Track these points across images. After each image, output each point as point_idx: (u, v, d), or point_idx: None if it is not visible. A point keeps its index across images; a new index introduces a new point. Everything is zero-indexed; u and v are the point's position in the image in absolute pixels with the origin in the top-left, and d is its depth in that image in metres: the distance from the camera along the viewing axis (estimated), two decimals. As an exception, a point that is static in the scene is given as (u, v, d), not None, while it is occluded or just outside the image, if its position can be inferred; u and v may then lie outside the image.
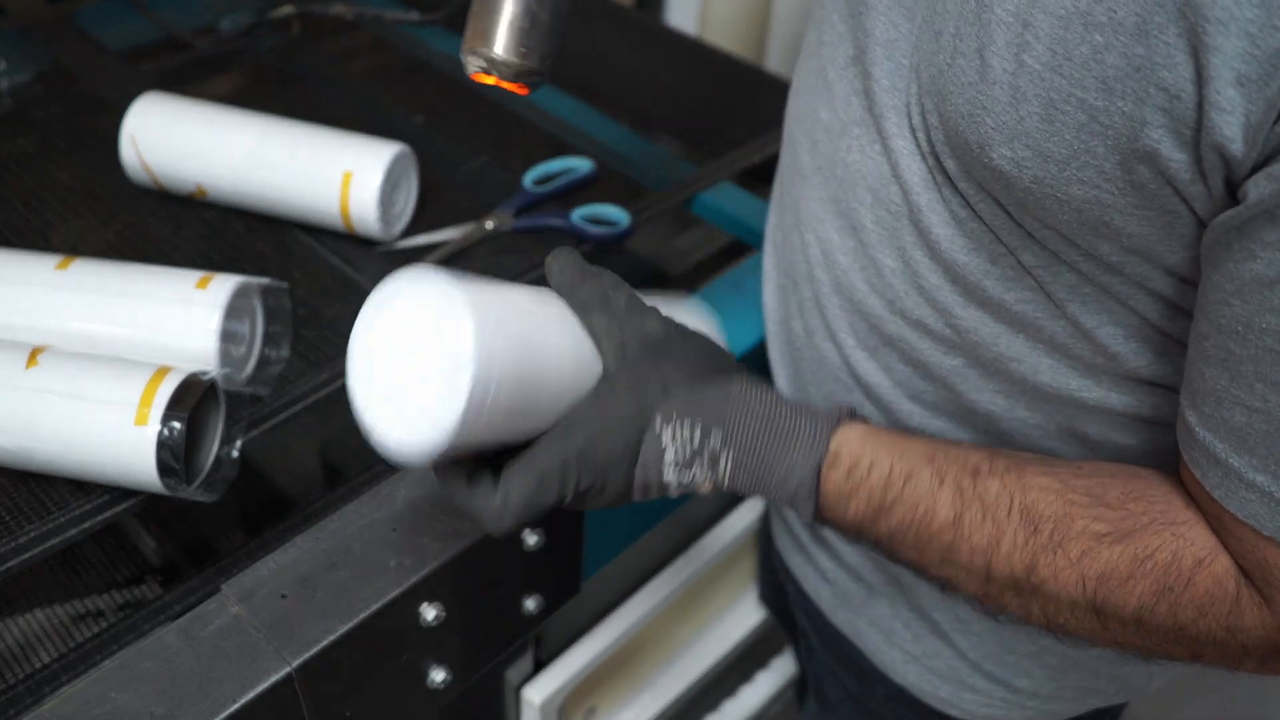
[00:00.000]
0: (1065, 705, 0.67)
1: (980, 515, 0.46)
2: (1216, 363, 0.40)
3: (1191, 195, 0.39)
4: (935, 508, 0.47)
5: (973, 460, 0.47)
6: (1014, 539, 0.46)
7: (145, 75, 0.92)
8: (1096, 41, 0.38)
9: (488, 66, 0.54)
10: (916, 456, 0.47)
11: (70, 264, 0.62)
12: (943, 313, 0.52)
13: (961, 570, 0.48)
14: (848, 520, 0.49)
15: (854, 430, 0.48)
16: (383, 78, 1.00)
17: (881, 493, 0.47)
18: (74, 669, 0.53)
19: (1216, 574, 0.44)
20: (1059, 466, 0.47)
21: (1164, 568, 0.44)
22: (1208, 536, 0.44)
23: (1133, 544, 0.44)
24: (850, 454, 0.48)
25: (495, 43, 0.53)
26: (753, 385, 0.48)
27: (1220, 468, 0.41)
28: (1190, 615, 0.44)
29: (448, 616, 0.58)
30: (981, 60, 0.42)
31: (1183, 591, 0.44)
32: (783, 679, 1.12)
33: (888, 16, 0.49)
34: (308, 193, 0.72)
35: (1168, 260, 0.42)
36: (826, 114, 0.56)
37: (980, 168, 0.45)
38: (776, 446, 0.47)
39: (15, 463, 0.56)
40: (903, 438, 0.49)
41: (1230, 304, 0.38)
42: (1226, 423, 0.40)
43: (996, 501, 0.46)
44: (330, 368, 0.65)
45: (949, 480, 0.47)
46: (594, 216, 0.78)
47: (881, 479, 0.47)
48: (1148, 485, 0.46)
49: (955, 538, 0.47)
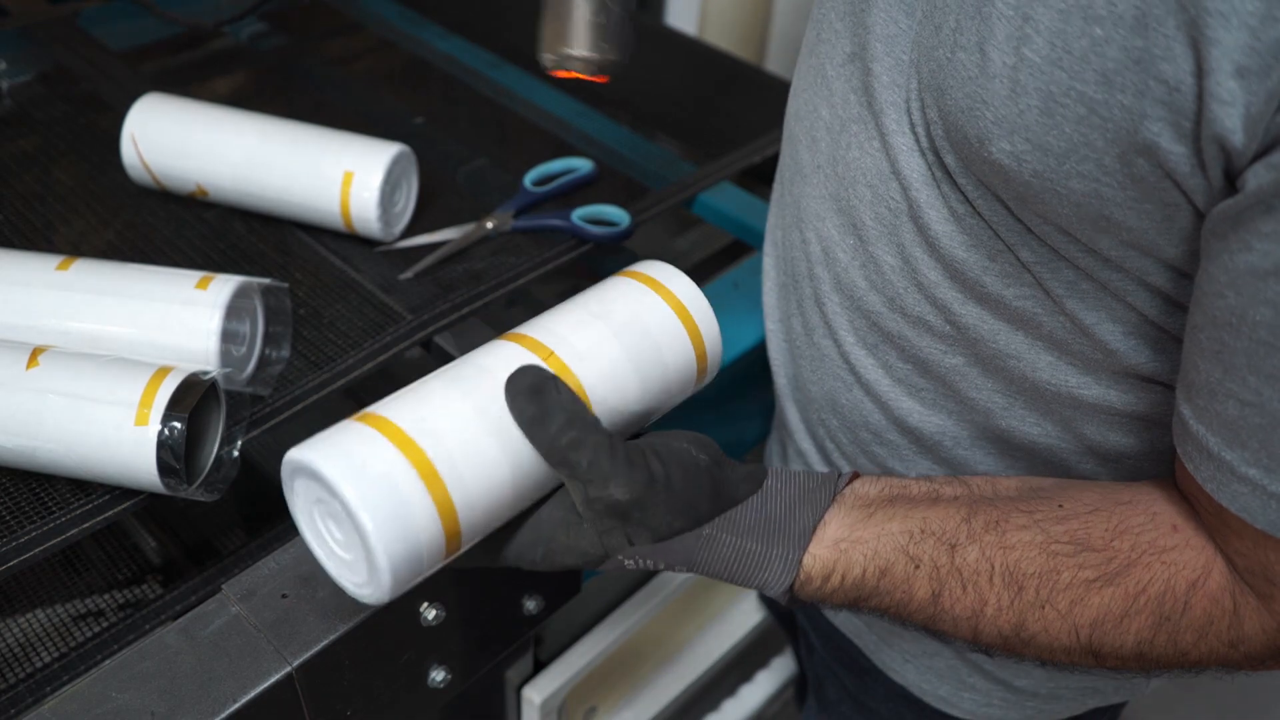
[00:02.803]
0: (1064, 705, 0.67)
1: (960, 588, 0.47)
2: (1210, 355, 0.40)
3: (1191, 188, 0.39)
4: (912, 592, 0.48)
5: (950, 530, 0.47)
6: (998, 603, 0.46)
7: (146, 75, 0.92)
8: (1096, 35, 0.38)
9: (568, 63, 0.56)
10: (890, 548, 0.48)
11: (71, 264, 0.62)
12: (942, 309, 0.52)
13: (947, 634, 0.49)
14: (827, 607, 0.50)
15: (829, 533, 0.48)
16: (383, 78, 1.00)
17: (855, 590, 0.48)
18: (75, 668, 0.53)
19: (1212, 592, 0.44)
20: (1041, 510, 0.47)
21: (1159, 599, 0.44)
22: (1199, 555, 0.44)
23: (1124, 583, 0.45)
24: (822, 569, 0.48)
25: (576, 42, 0.56)
26: (722, 528, 0.47)
27: (1213, 461, 0.41)
28: (1191, 639, 0.44)
29: (448, 616, 0.58)
30: (981, 54, 0.42)
31: (1180, 618, 0.44)
32: (783, 679, 1.12)
33: (888, 13, 0.49)
34: (308, 193, 0.72)
35: (1166, 254, 0.42)
36: (826, 111, 0.56)
37: (980, 162, 0.45)
38: (745, 573, 0.48)
39: (16, 462, 0.56)
40: (880, 521, 0.48)
41: (1224, 295, 0.38)
42: (1220, 416, 0.40)
43: (976, 570, 0.47)
44: (330, 368, 0.65)
45: (924, 563, 0.47)
46: (594, 216, 0.78)
47: (855, 581, 0.48)
48: (1132, 512, 0.46)
49: (936, 611, 0.48)
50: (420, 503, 0.41)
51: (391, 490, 0.40)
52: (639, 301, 0.50)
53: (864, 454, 0.63)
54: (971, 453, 0.58)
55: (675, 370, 0.50)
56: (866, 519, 0.49)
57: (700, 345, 0.51)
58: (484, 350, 0.47)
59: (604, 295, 0.50)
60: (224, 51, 1.03)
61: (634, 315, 0.49)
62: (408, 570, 0.41)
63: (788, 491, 0.49)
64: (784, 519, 0.48)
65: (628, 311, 0.49)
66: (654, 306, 0.50)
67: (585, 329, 0.48)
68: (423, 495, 0.41)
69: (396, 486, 0.40)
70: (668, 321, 0.50)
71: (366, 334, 0.68)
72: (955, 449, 0.58)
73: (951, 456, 0.58)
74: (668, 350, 0.49)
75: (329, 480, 0.40)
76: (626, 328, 0.48)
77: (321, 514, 0.43)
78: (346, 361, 0.65)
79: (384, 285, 0.72)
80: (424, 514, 0.41)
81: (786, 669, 1.12)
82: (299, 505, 0.44)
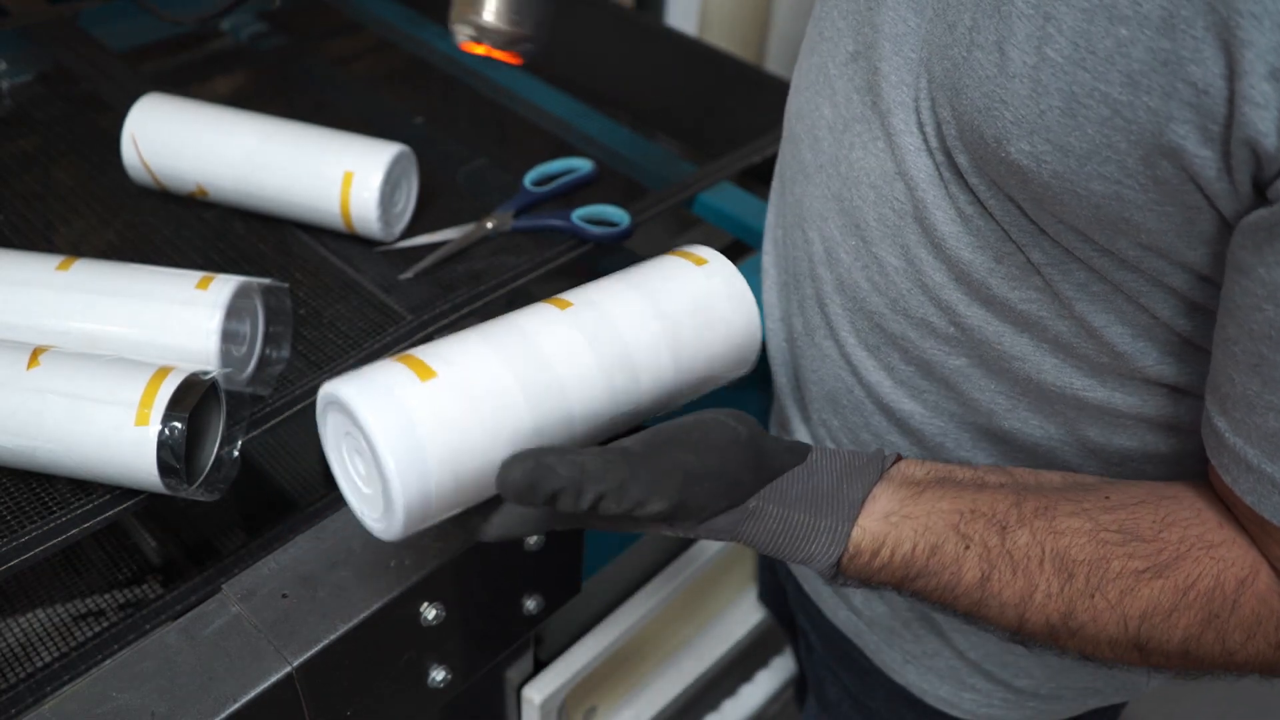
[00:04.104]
0: (1065, 705, 0.67)
1: (1010, 571, 0.46)
2: (1247, 368, 0.39)
3: (1215, 192, 0.38)
4: (961, 573, 0.47)
5: (1000, 511, 0.47)
6: (1048, 588, 0.46)
7: (146, 75, 0.92)
8: (1121, 35, 0.37)
9: (478, 34, 0.54)
10: (941, 525, 0.47)
11: (71, 264, 0.62)
12: (946, 311, 0.52)
13: (992, 621, 0.48)
14: (871, 586, 0.50)
15: (878, 507, 0.48)
16: (383, 78, 1.00)
17: (904, 569, 0.48)
18: (75, 668, 0.53)
19: (1260, 591, 0.43)
20: (1088, 500, 0.47)
21: (1208, 595, 0.44)
22: (1246, 552, 0.44)
23: (1173, 576, 0.44)
24: (871, 543, 0.47)
25: (485, 8, 0.53)
26: (769, 499, 0.47)
27: (1253, 474, 0.41)
28: (1239, 639, 0.44)
29: (448, 616, 0.58)
30: (1000, 53, 0.42)
31: (1229, 616, 0.43)
32: (783, 679, 1.12)
33: (896, 11, 0.49)
34: (308, 193, 0.72)
35: (1186, 257, 0.42)
36: (828, 111, 0.56)
37: (996, 163, 0.44)
38: (792, 545, 0.47)
39: (17, 462, 0.56)
40: (930, 500, 0.48)
41: (1263, 309, 0.38)
42: (1259, 428, 0.40)
43: (1027, 554, 0.46)
44: (331, 368, 0.65)
45: (975, 543, 0.46)
46: (594, 217, 0.78)
47: (904, 558, 0.47)
48: (1179, 506, 0.46)
49: (984, 595, 0.47)
50: (442, 445, 0.42)
51: (413, 427, 0.41)
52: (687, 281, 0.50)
53: (865, 454, 0.63)
54: (973, 454, 0.57)
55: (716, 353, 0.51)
56: (916, 495, 0.48)
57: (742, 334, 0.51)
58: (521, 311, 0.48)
59: (650, 272, 0.51)
60: (224, 51, 1.03)
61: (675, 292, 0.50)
62: (420, 510, 0.42)
63: (834, 465, 0.49)
64: (832, 491, 0.48)
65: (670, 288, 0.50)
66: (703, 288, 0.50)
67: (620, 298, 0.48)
68: (445, 436, 0.42)
69: (419, 424, 0.41)
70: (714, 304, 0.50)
71: (366, 334, 0.68)
72: (957, 450, 0.58)
73: (953, 458, 0.58)
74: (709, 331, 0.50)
75: (355, 411, 0.41)
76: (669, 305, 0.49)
77: (349, 449, 0.45)
78: (347, 361, 0.65)
79: (384, 285, 0.72)
80: (444, 456, 0.42)
81: (786, 669, 1.12)
82: (329, 439, 0.46)
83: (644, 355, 0.48)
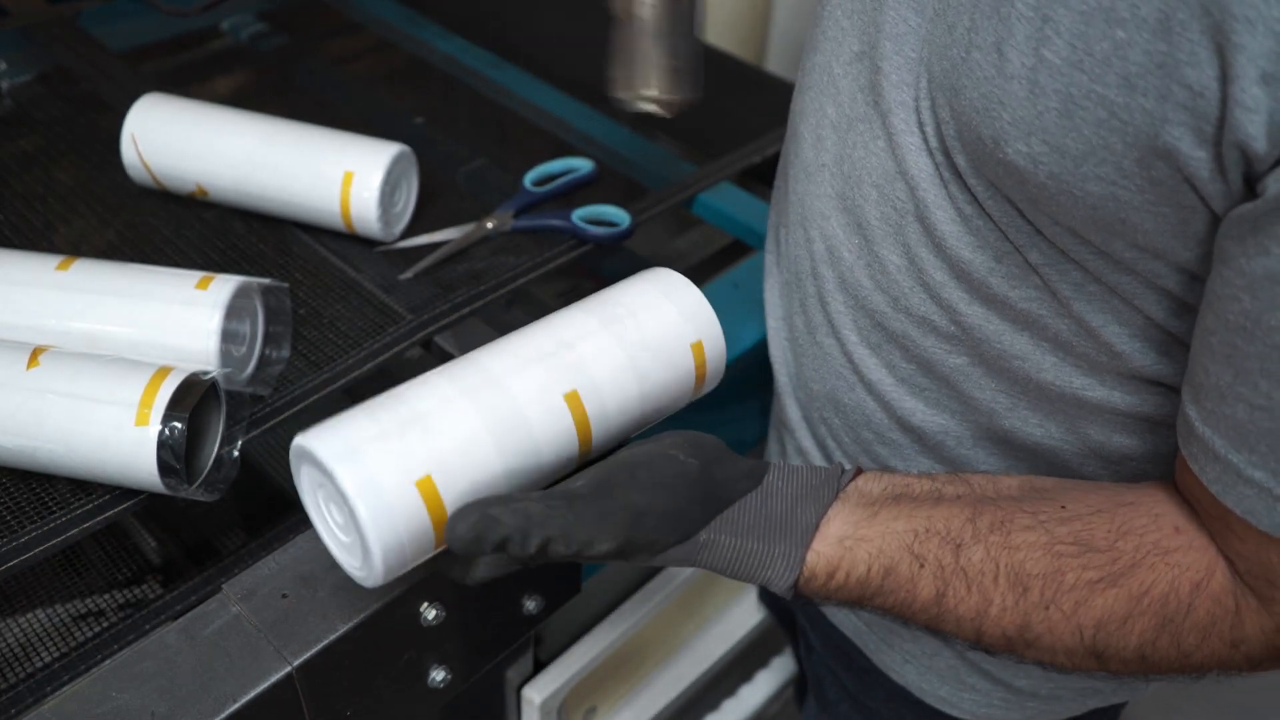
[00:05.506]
0: (1064, 705, 0.67)
1: (965, 588, 0.47)
2: (1221, 358, 0.40)
3: (1209, 193, 0.39)
4: (916, 591, 0.48)
5: (955, 529, 0.47)
6: (1003, 603, 0.46)
7: (146, 75, 0.92)
8: (1119, 38, 0.38)
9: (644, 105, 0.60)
10: (895, 547, 0.48)
11: (71, 264, 0.62)
12: (947, 309, 0.52)
13: (950, 634, 0.49)
14: (830, 605, 0.50)
15: (832, 530, 0.48)
16: (383, 78, 1.00)
17: (860, 589, 0.48)
18: (75, 668, 0.53)
19: (1214, 592, 0.44)
20: (1044, 511, 0.47)
21: (1162, 600, 0.44)
22: (1201, 555, 0.44)
23: (1128, 584, 0.45)
24: (826, 566, 0.48)
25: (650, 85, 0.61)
26: (721, 529, 0.47)
27: (1219, 463, 0.41)
28: (1194, 641, 0.44)
29: (448, 616, 0.58)
30: (999, 54, 0.42)
31: (1184, 620, 0.44)
32: (783, 679, 1.12)
33: (897, 11, 0.49)
34: (308, 193, 0.72)
35: (1180, 257, 0.42)
36: (832, 110, 0.56)
37: (993, 163, 0.44)
38: (748, 571, 0.48)
39: (16, 462, 0.56)
40: (885, 520, 0.48)
41: (1240, 299, 0.38)
42: (1228, 419, 0.40)
43: (981, 570, 0.47)
44: (330, 368, 0.65)
45: (929, 562, 0.47)
46: (594, 217, 0.78)
47: (859, 580, 0.48)
48: (1135, 513, 0.46)
49: (940, 611, 0.48)
50: (414, 493, 0.42)
51: (385, 478, 0.42)
52: (646, 309, 0.51)
53: (866, 453, 0.63)
54: (974, 453, 0.58)
55: (677, 379, 0.51)
56: (871, 518, 0.48)
57: (701, 355, 0.52)
58: (486, 350, 0.48)
59: (610, 300, 0.51)
60: (224, 51, 1.03)
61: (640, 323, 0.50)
62: (398, 557, 0.43)
63: (789, 487, 0.49)
64: (786, 516, 0.48)
65: (634, 318, 0.50)
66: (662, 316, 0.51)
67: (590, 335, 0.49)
68: (416, 487, 0.42)
69: (391, 475, 0.42)
70: (672, 330, 0.50)
71: (366, 334, 0.68)
72: (958, 449, 0.58)
73: (954, 456, 0.58)
74: (669, 358, 0.50)
75: (326, 466, 0.42)
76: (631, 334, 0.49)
77: (324, 498, 0.45)
78: (346, 361, 0.66)
79: (384, 285, 0.72)
80: (416, 504, 0.42)
81: (786, 669, 1.12)
82: (305, 489, 0.46)
83: (612, 393, 0.48)
